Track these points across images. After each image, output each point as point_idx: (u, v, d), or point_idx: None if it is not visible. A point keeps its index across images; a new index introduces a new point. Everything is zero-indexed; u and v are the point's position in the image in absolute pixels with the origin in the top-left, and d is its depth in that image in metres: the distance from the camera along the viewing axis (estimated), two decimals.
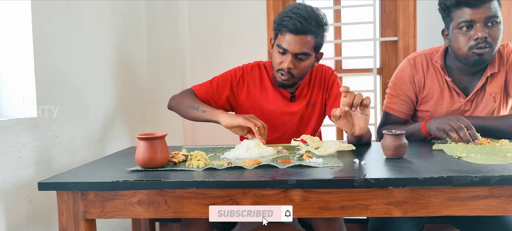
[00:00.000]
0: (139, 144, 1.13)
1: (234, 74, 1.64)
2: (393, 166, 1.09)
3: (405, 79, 1.57)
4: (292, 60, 1.46)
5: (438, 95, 1.54)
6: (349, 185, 0.98)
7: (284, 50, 1.46)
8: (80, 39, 1.58)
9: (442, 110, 1.55)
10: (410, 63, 1.57)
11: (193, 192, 1.04)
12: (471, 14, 1.38)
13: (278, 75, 1.52)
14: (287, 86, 1.57)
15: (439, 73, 1.54)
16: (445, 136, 1.34)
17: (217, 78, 1.65)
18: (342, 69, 2.61)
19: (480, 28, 1.38)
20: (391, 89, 1.62)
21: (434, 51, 1.57)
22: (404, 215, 1.00)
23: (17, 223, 1.21)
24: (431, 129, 1.39)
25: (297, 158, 1.21)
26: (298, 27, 1.41)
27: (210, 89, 1.62)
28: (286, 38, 1.44)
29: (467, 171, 0.99)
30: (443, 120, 1.35)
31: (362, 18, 2.53)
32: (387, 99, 1.63)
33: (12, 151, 1.19)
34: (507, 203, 0.98)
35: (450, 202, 0.99)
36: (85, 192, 1.06)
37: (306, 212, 1.02)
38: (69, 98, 1.49)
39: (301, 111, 1.62)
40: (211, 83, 1.64)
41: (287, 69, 1.47)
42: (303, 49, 1.44)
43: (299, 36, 1.43)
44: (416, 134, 1.48)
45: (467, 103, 1.52)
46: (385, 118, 1.64)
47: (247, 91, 1.63)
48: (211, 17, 2.47)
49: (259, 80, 1.64)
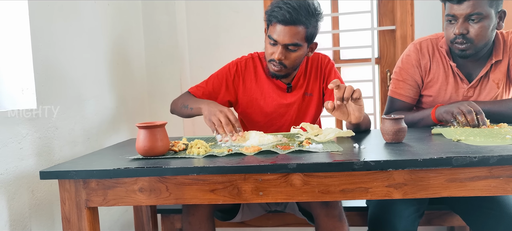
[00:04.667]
0: (140, 132, 1.13)
1: (228, 71, 1.63)
2: (393, 149, 1.10)
3: (412, 63, 1.57)
4: (283, 51, 1.45)
5: (443, 80, 1.55)
6: (349, 168, 0.99)
7: (275, 41, 1.45)
8: (77, 32, 1.57)
9: (446, 95, 1.55)
10: (416, 47, 1.58)
11: (194, 178, 1.04)
12: (454, 10, 1.40)
13: (270, 66, 1.51)
14: (280, 77, 1.56)
15: (444, 58, 1.55)
16: (453, 119, 1.34)
17: (212, 77, 1.64)
18: (340, 59, 2.61)
19: (459, 24, 1.40)
20: (397, 75, 1.61)
21: (440, 37, 1.58)
22: (404, 197, 1.01)
23: (20, 213, 1.21)
24: (441, 113, 1.40)
25: (297, 144, 1.22)
26: (287, 18, 1.39)
27: (206, 90, 1.62)
28: (276, 29, 1.43)
29: (466, 152, 1.00)
30: (453, 104, 1.36)
31: (359, 7, 2.53)
32: (393, 84, 1.62)
33: (13, 142, 1.19)
34: (506, 183, 0.99)
35: (449, 184, 1.00)
36: (87, 180, 1.06)
37: (306, 196, 1.03)
38: (68, 91, 1.50)
39: (298, 102, 1.61)
40: (207, 83, 1.63)
41: (278, 60, 1.46)
42: (293, 40, 1.43)
43: (289, 27, 1.41)
44: (424, 120, 1.48)
45: (470, 89, 1.53)
46: (390, 104, 1.63)
47: (244, 86, 1.63)
48: (209, 9, 2.47)
49: (254, 74, 1.63)
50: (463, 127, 1.31)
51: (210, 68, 2.51)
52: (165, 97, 2.29)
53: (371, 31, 2.43)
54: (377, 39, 2.53)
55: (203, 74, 2.49)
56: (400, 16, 2.41)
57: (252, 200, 1.04)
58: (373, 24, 2.42)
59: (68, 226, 1.09)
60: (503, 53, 1.50)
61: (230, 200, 1.05)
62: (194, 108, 1.49)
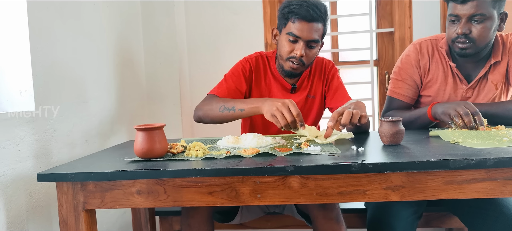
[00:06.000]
0: (138, 134, 1.13)
1: (243, 67, 1.60)
2: (391, 151, 1.10)
3: (411, 63, 1.58)
4: (304, 47, 1.47)
5: (442, 81, 1.55)
6: (347, 171, 0.99)
7: (296, 38, 1.46)
8: (76, 33, 1.57)
9: (444, 96, 1.56)
10: (416, 47, 1.59)
11: (192, 181, 1.04)
12: (457, 9, 1.42)
13: (288, 64, 1.50)
14: (294, 76, 1.56)
15: (443, 59, 1.55)
16: (450, 121, 1.34)
17: (229, 76, 1.59)
18: (339, 61, 2.61)
19: (462, 24, 1.41)
20: (396, 74, 1.62)
21: (439, 37, 1.59)
22: (401, 199, 1.01)
23: (17, 216, 1.21)
24: (437, 112, 1.40)
25: (295, 146, 1.22)
26: (311, 14, 1.43)
27: (231, 87, 1.56)
28: (297, 25, 1.45)
29: (464, 154, 1.00)
30: (450, 105, 1.36)
31: (358, 10, 2.53)
32: (392, 84, 1.63)
33: (11, 144, 1.19)
34: (503, 186, 0.99)
35: (447, 186, 1.00)
36: (85, 183, 1.06)
37: (304, 199, 1.03)
38: (67, 92, 1.49)
39: (301, 104, 1.61)
40: (227, 82, 1.57)
41: (299, 57, 1.47)
42: (314, 36, 1.46)
43: (312, 24, 1.44)
44: (421, 118, 1.49)
45: (469, 90, 1.54)
46: (389, 103, 1.64)
47: (255, 83, 1.62)
48: (208, 10, 2.47)
49: (263, 72, 1.63)
50: (460, 129, 1.31)
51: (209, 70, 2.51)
52: (164, 99, 2.29)
53: (369, 33, 2.43)
54: (376, 41, 2.54)
55: (202, 76, 2.51)
56: (399, 18, 2.41)
57: (250, 203, 1.04)
58: (371, 26, 2.42)
59: (66, 228, 1.08)
60: (502, 54, 1.50)
61: (228, 202, 1.05)
62: (247, 109, 1.39)
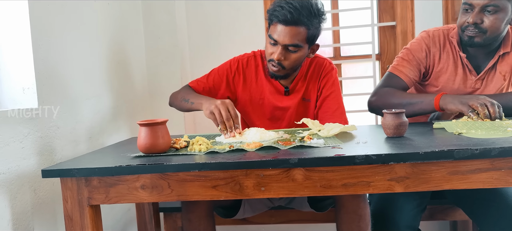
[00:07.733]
0: (141, 130, 1.13)
1: (229, 68, 1.61)
2: (394, 143, 1.10)
3: (422, 47, 1.56)
4: (282, 51, 1.42)
5: (452, 71, 1.55)
6: (351, 162, 0.99)
7: (275, 41, 1.42)
8: (78, 31, 1.57)
9: (454, 86, 1.55)
10: (428, 35, 1.58)
11: (196, 175, 1.04)
12: None
13: (270, 66, 1.48)
14: (278, 78, 1.53)
15: (454, 49, 1.55)
16: (470, 111, 1.31)
17: (213, 73, 1.63)
18: (341, 56, 2.61)
19: (475, 14, 1.41)
20: (403, 54, 1.59)
21: (451, 28, 1.58)
22: (406, 190, 1.01)
23: (23, 212, 1.22)
24: (453, 102, 1.36)
25: (298, 140, 1.22)
26: (289, 18, 1.36)
27: (207, 85, 1.60)
28: (276, 28, 1.41)
29: (468, 144, 1.00)
30: (465, 96, 1.35)
31: (359, 4, 2.52)
32: (396, 62, 1.60)
33: (15, 141, 1.19)
34: (508, 175, 0.99)
35: (451, 176, 1.00)
36: (89, 178, 1.06)
37: (308, 191, 1.03)
38: (69, 90, 1.50)
39: (295, 107, 1.57)
40: (207, 78, 1.62)
41: (277, 61, 1.43)
42: (293, 41, 1.39)
43: (290, 27, 1.38)
44: (423, 103, 1.44)
45: (477, 81, 1.53)
46: (387, 79, 1.59)
47: (244, 84, 1.60)
48: (209, 8, 2.46)
49: (255, 72, 1.60)
50: (483, 120, 1.28)
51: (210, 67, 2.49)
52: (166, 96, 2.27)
53: (371, 27, 2.42)
54: (378, 35, 2.53)
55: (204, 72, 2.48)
56: (400, 12, 2.41)
57: (254, 196, 1.04)
58: (373, 20, 2.42)
59: (71, 224, 1.09)
60: (511, 46, 1.50)
61: (232, 196, 1.05)
62: (196, 103, 1.47)
